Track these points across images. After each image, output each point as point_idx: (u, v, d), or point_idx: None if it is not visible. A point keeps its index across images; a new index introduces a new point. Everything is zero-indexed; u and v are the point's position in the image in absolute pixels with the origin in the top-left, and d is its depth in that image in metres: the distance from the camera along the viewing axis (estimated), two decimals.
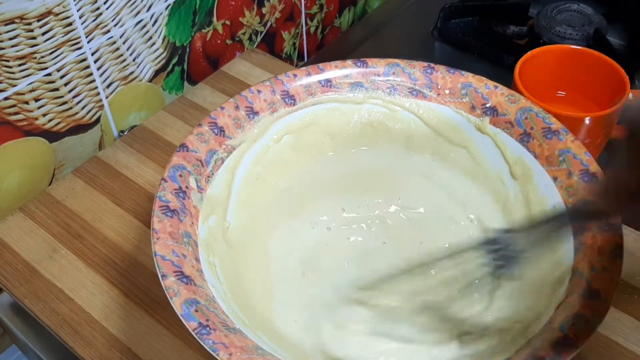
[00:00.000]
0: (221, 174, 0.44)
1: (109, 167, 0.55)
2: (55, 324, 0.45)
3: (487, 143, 0.47)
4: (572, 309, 0.35)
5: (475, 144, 0.47)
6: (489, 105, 0.46)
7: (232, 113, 0.46)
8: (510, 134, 0.46)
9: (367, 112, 0.49)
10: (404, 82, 0.49)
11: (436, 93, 0.48)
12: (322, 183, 0.49)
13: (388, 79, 0.49)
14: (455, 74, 0.48)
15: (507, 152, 0.46)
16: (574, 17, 0.67)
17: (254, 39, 0.69)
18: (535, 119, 0.45)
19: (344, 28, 0.83)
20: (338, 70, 0.49)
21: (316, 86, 0.49)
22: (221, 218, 0.44)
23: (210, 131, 0.44)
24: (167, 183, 0.41)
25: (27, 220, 0.51)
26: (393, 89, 0.49)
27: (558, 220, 0.39)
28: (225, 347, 0.33)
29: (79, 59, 0.53)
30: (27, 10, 0.47)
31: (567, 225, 0.38)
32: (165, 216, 0.39)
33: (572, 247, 0.39)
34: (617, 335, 0.43)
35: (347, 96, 0.49)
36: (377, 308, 0.43)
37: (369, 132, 0.50)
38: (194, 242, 0.39)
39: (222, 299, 0.38)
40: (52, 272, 0.47)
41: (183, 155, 0.43)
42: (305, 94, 0.48)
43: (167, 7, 0.58)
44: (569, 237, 0.39)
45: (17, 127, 0.51)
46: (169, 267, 0.36)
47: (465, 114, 0.47)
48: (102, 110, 0.57)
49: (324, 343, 0.41)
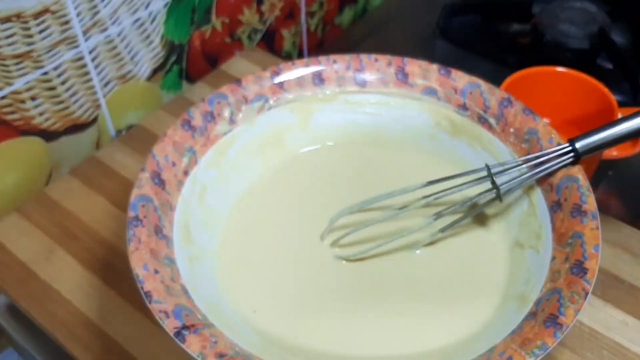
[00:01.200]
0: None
1: (107, 167, 0.54)
2: (52, 326, 0.44)
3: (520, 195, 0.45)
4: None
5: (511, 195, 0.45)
6: (542, 160, 0.43)
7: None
8: (546, 197, 0.43)
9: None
10: (477, 106, 0.47)
11: (501, 128, 0.46)
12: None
13: (464, 99, 0.48)
14: (529, 116, 0.45)
15: (536, 211, 0.43)
16: (578, 15, 0.66)
17: (253, 37, 0.69)
18: (574, 192, 0.41)
19: (344, 26, 0.82)
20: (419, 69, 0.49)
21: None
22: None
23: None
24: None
25: (24, 221, 0.50)
26: (464, 109, 0.48)
27: None
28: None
29: (76, 58, 0.52)
30: (24, 8, 0.47)
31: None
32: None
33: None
34: (622, 337, 0.43)
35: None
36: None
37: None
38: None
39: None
40: (48, 274, 0.47)
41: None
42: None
43: (166, 5, 0.57)
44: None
45: (13, 126, 0.50)
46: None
47: (518, 160, 0.44)
48: (99, 109, 0.56)
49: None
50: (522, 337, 0.35)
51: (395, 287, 0.43)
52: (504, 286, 0.42)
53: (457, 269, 0.44)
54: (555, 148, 0.43)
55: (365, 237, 0.45)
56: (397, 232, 0.44)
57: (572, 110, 0.55)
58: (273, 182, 0.49)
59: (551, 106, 0.55)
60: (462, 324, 0.40)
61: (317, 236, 0.46)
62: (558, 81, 0.55)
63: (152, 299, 0.35)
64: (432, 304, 0.42)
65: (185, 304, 0.36)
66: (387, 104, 0.50)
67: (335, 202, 0.46)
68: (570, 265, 0.38)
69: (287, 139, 0.50)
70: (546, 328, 0.35)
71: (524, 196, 0.45)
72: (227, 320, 0.38)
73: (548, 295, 0.37)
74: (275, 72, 0.49)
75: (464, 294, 0.43)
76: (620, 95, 0.63)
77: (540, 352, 0.34)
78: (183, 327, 0.34)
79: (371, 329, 0.41)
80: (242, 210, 0.47)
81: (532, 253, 0.42)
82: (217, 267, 0.44)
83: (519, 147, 0.45)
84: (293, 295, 0.43)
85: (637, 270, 0.46)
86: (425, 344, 0.40)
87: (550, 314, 0.35)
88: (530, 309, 0.37)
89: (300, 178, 0.50)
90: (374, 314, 0.42)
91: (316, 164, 0.51)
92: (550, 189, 0.43)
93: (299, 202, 0.48)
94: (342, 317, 0.42)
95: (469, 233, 0.46)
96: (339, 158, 0.51)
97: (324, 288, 0.43)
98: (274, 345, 0.40)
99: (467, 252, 0.45)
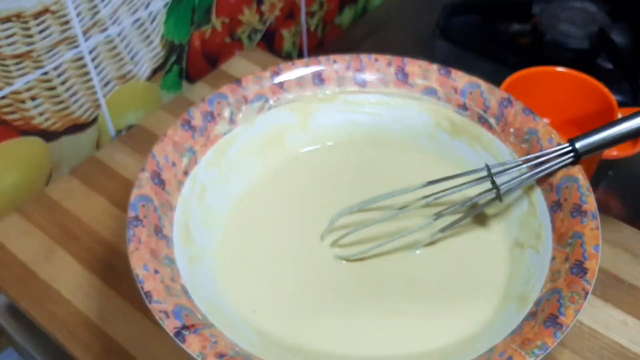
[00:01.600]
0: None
1: (107, 167, 0.54)
2: (52, 325, 0.44)
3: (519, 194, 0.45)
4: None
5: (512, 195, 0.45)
6: (542, 160, 0.43)
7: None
8: (546, 197, 0.43)
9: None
10: (477, 106, 0.47)
11: (501, 128, 0.46)
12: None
13: (464, 99, 0.48)
14: (529, 116, 0.45)
15: (536, 211, 0.43)
16: (578, 15, 0.66)
17: (253, 37, 0.69)
18: (575, 192, 0.41)
19: (344, 26, 0.82)
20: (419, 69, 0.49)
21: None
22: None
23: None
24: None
25: (24, 221, 0.50)
26: (464, 109, 0.48)
27: None
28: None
29: (76, 58, 0.52)
30: (24, 8, 0.47)
31: None
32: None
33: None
34: (622, 337, 0.43)
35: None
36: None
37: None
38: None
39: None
40: (48, 274, 0.47)
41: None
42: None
43: (166, 5, 0.57)
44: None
45: (13, 126, 0.50)
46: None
47: (518, 160, 0.44)
48: (99, 109, 0.56)
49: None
50: (522, 337, 0.35)
51: (395, 287, 0.43)
52: (504, 286, 0.42)
53: (457, 269, 0.44)
54: (555, 148, 0.43)
55: (366, 237, 0.45)
56: (397, 232, 0.44)
57: (572, 110, 0.55)
58: (273, 182, 0.49)
59: (551, 106, 0.55)
60: (462, 324, 0.40)
61: (317, 236, 0.46)
62: (558, 81, 0.55)
63: (152, 299, 0.35)
64: (432, 304, 0.42)
65: (185, 304, 0.36)
66: (387, 104, 0.50)
67: (335, 202, 0.46)
68: (570, 265, 0.38)
69: (287, 139, 0.51)
70: (546, 328, 0.35)
71: (524, 196, 0.45)
72: (227, 320, 0.38)
73: (548, 295, 0.37)
74: (275, 72, 0.49)
75: (464, 294, 0.43)
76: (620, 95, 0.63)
77: (540, 352, 0.34)
78: (183, 327, 0.34)
79: (371, 329, 0.41)
80: (242, 210, 0.48)
81: (532, 253, 0.42)
82: (217, 267, 0.44)
83: (519, 147, 0.45)
84: (293, 295, 0.43)
85: (637, 270, 0.46)
86: (425, 344, 0.40)
87: (550, 314, 0.35)
88: (530, 309, 0.37)
89: (300, 178, 0.50)
90: (374, 314, 0.42)
91: (316, 164, 0.51)
92: (550, 189, 0.42)
93: (299, 202, 0.48)
94: (342, 317, 0.42)
95: (469, 233, 0.46)
96: (339, 158, 0.51)
97: (324, 288, 0.43)
98: (274, 345, 0.40)
99: (467, 252, 0.45)
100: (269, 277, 0.44)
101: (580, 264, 0.37)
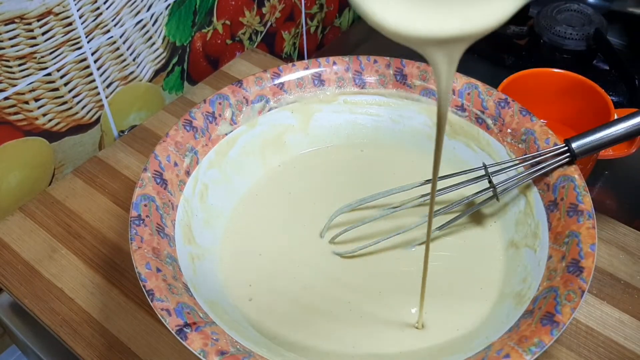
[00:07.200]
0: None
1: (109, 167, 0.55)
2: (55, 324, 0.45)
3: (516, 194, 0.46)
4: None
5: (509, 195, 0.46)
6: (538, 160, 0.44)
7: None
8: (543, 197, 0.43)
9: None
10: (475, 107, 0.48)
11: (499, 129, 0.47)
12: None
13: (461, 100, 0.48)
14: (526, 117, 0.46)
15: (532, 211, 0.44)
16: (574, 16, 0.67)
17: (254, 38, 0.69)
18: (571, 192, 0.42)
19: (344, 28, 0.83)
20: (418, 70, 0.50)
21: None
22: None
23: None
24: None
25: (27, 220, 0.51)
26: (462, 110, 0.48)
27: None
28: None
29: (79, 59, 0.53)
30: (27, 10, 0.47)
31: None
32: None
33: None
34: (618, 335, 0.43)
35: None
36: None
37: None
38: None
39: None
40: (52, 272, 0.47)
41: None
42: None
43: (167, 7, 0.58)
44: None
45: (17, 127, 0.51)
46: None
47: (515, 160, 0.45)
48: (102, 110, 0.57)
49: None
50: (519, 335, 0.35)
51: (393, 284, 0.44)
52: (501, 284, 0.43)
53: (455, 267, 0.45)
54: (552, 148, 0.43)
55: (363, 234, 0.45)
56: (394, 230, 0.45)
57: (569, 111, 0.56)
58: (274, 182, 0.50)
59: (548, 107, 0.56)
60: (459, 322, 0.41)
61: (317, 235, 0.46)
62: (555, 82, 0.55)
63: (154, 297, 0.36)
64: (429, 302, 0.42)
65: (187, 302, 0.37)
66: (386, 104, 0.51)
67: (335, 202, 0.47)
68: (567, 263, 0.38)
69: (288, 140, 0.51)
70: (543, 326, 0.35)
71: (520, 195, 0.45)
72: (229, 318, 0.39)
73: (545, 294, 0.37)
74: (275, 73, 0.50)
75: (461, 292, 0.43)
76: (616, 96, 0.64)
77: (537, 349, 0.34)
78: (185, 324, 0.35)
79: (369, 327, 0.41)
80: (243, 210, 0.48)
81: (529, 252, 0.42)
82: (218, 266, 0.44)
83: (516, 148, 0.46)
84: (293, 293, 0.43)
85: (632, 269, 0.47)
86: (422, 341, 0.40)
87: (547, 312, 0.36)
88: (527, 307, 0.38)
89: (300, 178, 0.50)
90: (372, 312, 0.42)
91: (316, 164, 0.51)
92: (546, 189, 0.43)
93: (299, 202, 0.49)
94: (340, 314, 0.42)
95: (466, 232, 0.46)
96: (339, 158, 0.52)
97: (323, 286, 0.44)
98: (274, 342, 0.40)
99: (464, 251, 0.45)
100: (269, 275, 0.44)
101: (577, 262, 0.38)
